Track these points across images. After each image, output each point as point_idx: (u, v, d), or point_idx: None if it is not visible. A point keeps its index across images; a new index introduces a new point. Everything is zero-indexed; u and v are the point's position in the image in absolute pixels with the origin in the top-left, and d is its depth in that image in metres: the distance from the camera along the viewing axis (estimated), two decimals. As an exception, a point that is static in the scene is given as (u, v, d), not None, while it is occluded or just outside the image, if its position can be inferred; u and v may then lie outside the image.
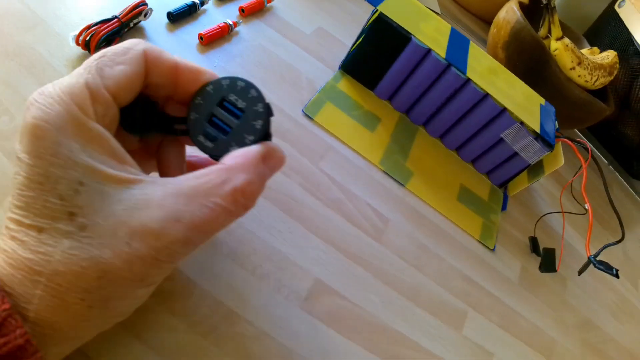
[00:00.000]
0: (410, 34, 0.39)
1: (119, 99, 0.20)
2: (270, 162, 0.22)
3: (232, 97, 0.22)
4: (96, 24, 0.34)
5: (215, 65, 0.39)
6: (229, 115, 0.22)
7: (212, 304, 0.28)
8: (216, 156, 0.21)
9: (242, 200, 0.19)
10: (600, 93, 0.55)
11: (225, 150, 0.21)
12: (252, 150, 0.21)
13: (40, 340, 0.17)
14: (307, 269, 0.32)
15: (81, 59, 0.34)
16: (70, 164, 0.17)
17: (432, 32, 0.41)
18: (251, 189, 0.19)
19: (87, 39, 0.33)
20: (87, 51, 0.34)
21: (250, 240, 0.31)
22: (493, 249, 0.42)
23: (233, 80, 0.22)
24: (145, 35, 0.38)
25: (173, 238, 0.18)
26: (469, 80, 0.40)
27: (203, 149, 0.22)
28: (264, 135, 0.22)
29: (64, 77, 0.19)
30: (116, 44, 0.34)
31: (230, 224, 0.20)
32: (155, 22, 0.39)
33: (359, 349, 0.31)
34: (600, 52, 0.57)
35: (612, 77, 0.53)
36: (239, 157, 0.20)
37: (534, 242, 0.45)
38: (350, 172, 0.39)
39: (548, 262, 0.42)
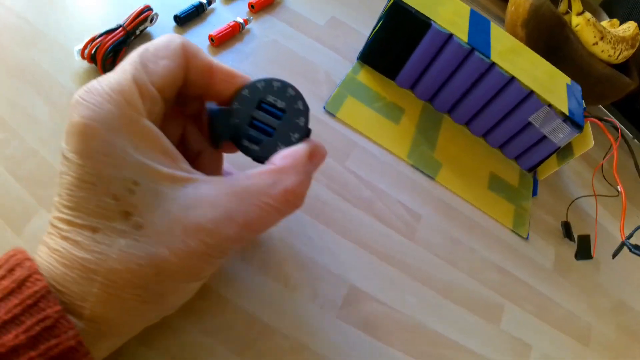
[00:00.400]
0: (430, 19, 0.38)
1: (163, 94, 0.20)
2: (315, 159, 0.22)
3: (271, 98, 0.22)
4: (101, 35, 0.32)
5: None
6: (270, 116, 0.22)
7: (246, 319, 0.27)
8: (262, 158, 0.22)
9: (292, 199, 0.20)
10: (622, 66, 0.53)
11: (272, 151, 0.21)
12: (300, 150, 0.21)
13: (95, 335, 0.17)
14: (341, 275, 0.31)
15: (88, 73, 0.33)
16: (124, 164, 0.17)
17: (451, 16, 0.39)
18: (301, 189, 0.20)
19: (93, 51, 0.31)
20: (93, 64, 0.32)
21: (281, 250, 0.30)
22: (526, 237, 0.41)
23: (268, 81, 0.22)
24: (153, 40, 0.36)
25: (226, 236, 0.18)
26: (493, 64, 0.38)
27: (248, 152, 0.22)
28: (307, 132, 0.22)
29: (108, 74, 0.19)
30: (123, 54, 0.34)
31: (279, 222, 0.20)
32: (163, 27, 0.37)
33: (399, 354, 0.30)
34: (620, 23, 0.55)
35: (634, 50, 0.51)
36: (288, 157, 0.20)
37: (566, 227, 0.43)
38: (377, 168, 0.37)
39: (583, 249, 0.41)
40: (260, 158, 0.22)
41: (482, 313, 0.34)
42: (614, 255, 0.40)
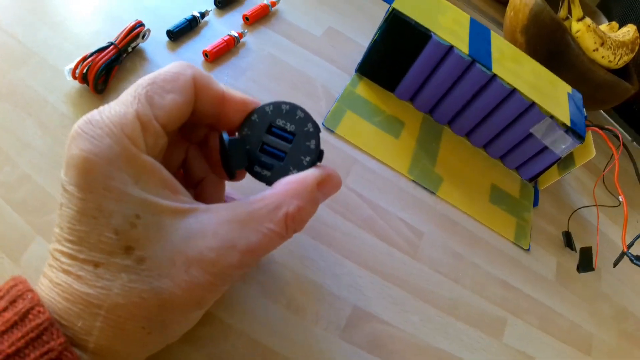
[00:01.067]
0: (430, 30, 0.37)
1: (167, 129, 0.19)
2: (326, 188, 0.22)
3: (280, 122, 0.22)
4: (92, 54, 0.31)
5: (225, 82, 0.36)
6: (280, 140, 0.22)
7: (249, 344, 0.26)
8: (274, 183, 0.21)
9: (292, 225, 0.20)
10: (621, 71, 0.53)
11: (284, 175, 0.21)
12: (309, 177, 0.21)
13: None
14: (344, 297, 0.30)
15: (80, 94, 0.32)
16: (125, 198, 0.17)
17: (451, 25, 0.39)
18: (302, 215, 0.20)
19: (85, 71, 0.30)
20: (85, 84, 0.31)
21: (282, 273, 0.29)
22: (528, 249, 0.40)
23: (276, 105, 0.22)
24: (146, 57, 0.35)
25: (228, 264, 0.18)
26: (495, 76, 0.38)
27: (261, 178, 0.22)
28: (318, 154, 0.22)
29: (111, 104, 0.18)
30: (115, 72, 0.32)
31: (278, 246, 0.20)
32: (155, 43, 0.37)
33: (404, 374, 0.29)
34: (619, 25, 0.54)
35: (634, 54, 0.51)
36: (294, 182, 0.20)
37: (567, 237, 0.43)
38: (378, 185, 0.37)
39: (585, 262, 0.40)
40: (273, 184, 0.22)
41: (485, 328, 0.34)
42: (615, 264, 0.40)
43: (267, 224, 0.19)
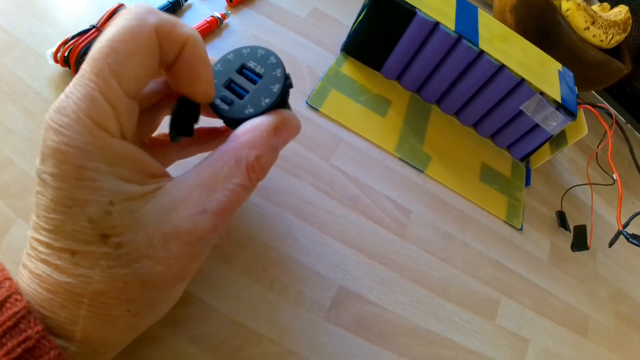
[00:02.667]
0: (415, 7, 0.36)
1: (139, 95, 0.18)
2: (284, 133, 0.21)
3: (252, 64, 0.22)
4: (73, 37, 0.31)
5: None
6: (247, 81, 0.22)
7: (231, 326, 0.26)
8: (232, 119, 0.21)
9: (254, 175, 0.20)
10: (614, 51, 0.52)
11: (240, 113, 0.21)
12: (263, 124, 0.20)
13: (89, 356, 0.17)
14: (329, 277, 0.30)
15: (63, 77, 0.31)
16: (98, 186, 0.16)
17: (437, 4, 0.38)
18: (262, 163, 0.20)
19: (66, 54, 0.30)
20: (67, 68, 0.31)
21: (265, 252, 0.29)
22: (520, 229, 0.39)
23: (254, 48, 0.23)
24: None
25: (204, 228, 0.18)
26: (482, 52, 0.37)
27: (219, 112, 0.22)
28: (281, 102, 0.22)
29: (76, 84, 0.17)
30: None
31: (246, 198, 0.20)
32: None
33: (392, 355, 0.29)
34: (611, 7, 0.53)
35: (626, 34, 0.50)
36: (248, 132, 0.20)
37: (561, 217, 0.42)
38: (364, 164, 0.36)
39: (580, 240, 0.40)
40: (228, 119, 0.22)
41: (477, 309, 0.33)
42: (611, 244, 0.39)
43: (232, 180, 0.19)
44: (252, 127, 0.20)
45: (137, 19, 0.17)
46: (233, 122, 0.21)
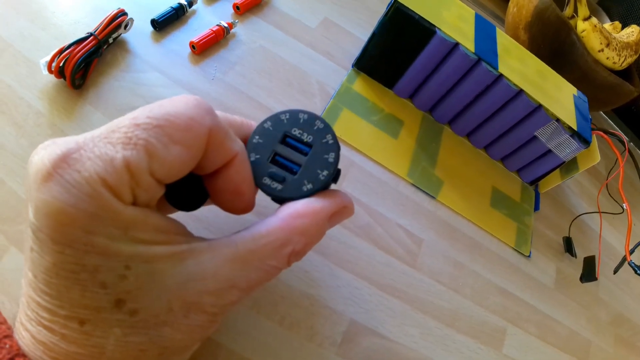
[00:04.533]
0: (434, 26, 0.35)
1: (164, 182, 0.16)
2: (337, 219, 0.20)
3: (296, 132, 0.20)
4: (69, 45, 0.28)
5: (213, 77, 0.34)
6: (295, 152, 0.20)
7: (240, 364, 0.24)
8: (285, 199, 0.19)
9: (294, 259, 0.18)
10: (624, 72, 0.51)
11: (297, 190, 0.19)
12: (323, 211, 0.18)
13: None
14: (340, 310, 0.28)
15: (57, 89, 0.29)
16: (111, 252, 0.14)
17: (456, 21, 0.36)
18: (306, 250, 0.19)
19: (61, 64, 0.28)
20: (62, 79, 0.28)
21: (275, 286, 0.27)
22: (529, 256, 0.39)
23: (293, 113, 0.20)
24: (128, 49, 0.33)
25: (227, 302, 0.17)
26: (501, 75, 0.36)
27: (270, 192, 0.19)
28: (336, 172, 0.20)
29: (95, 138, 0.15)
30: (94, 66, 0.29)
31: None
32: (139, 33, 0.34)
33: (402, 391, 0.28)
34: (622, 26, 0.53)
35: (637, 55, 0.49)
36: (304, 217, 0.18)
37: (568, 242, 0.42)
38: (376, 190, 0.35)
39: (588, 271, 0.39)
40: (283, 199, 0.19)
41: (484, 339, 0.33)
42: (615, 271, 0.39)
43: (270, 262, 0.17)
44: (310, 213, 0.18)
45: (196, 112, 0.16)
46: (284, 199, 0.19)
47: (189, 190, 0.19)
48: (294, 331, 0.26)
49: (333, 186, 0.22)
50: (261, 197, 0.21)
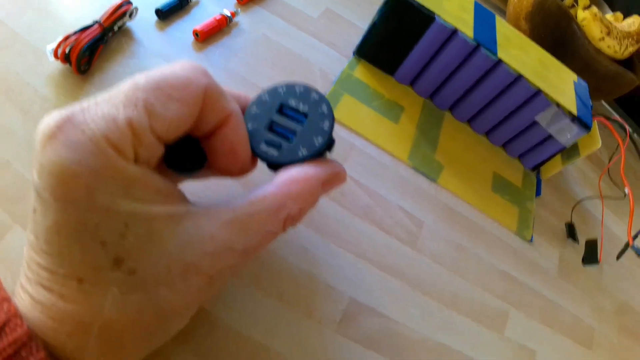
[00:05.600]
0: (433, 13, 0.35)
1: (164, 140, 0.17)
2: (330, 186, 0.20)
3: (292, 102, 0.21)
4: (75, 32, 0.29)
5: (215, 64, 0.35)
6: (290, 120, 0.21)
7: (237, 339, 0.25)
8: (281, 164, 0.20)
9: (290, 224, 0.19)
10: (626, 62, 0.51)
11: (293, 155, 0.20)
12: (315, 177, 0.19)
13: None
14: (340, 289, 0.29)
15: (63, 75, 0.30)
16: (112, 210, 0.15)
17: (456, 10, 0.37)
18: (302, 215, 0.19)
19: (67, 51, 0.28)
20: (68, 65, 0.29)
21: (274, 263, 0.28)
22: (530, 240, 0.39)
23: (290, 85, 0.21)
24: (133, 37, 0.33)
25: (226, 265, 0.17)
26: (500, 61, 0.36)
27: (266, 157, 0.20)
28: (331, 139, 0.21)
29: (99, 101, 0.16)
30: (100, 52, 0.30)
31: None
32: (143, 22, 0.34)
33: (403, 370, 0.28)
34: (624, 16, 0.53)
35: (639, 45, 0.50)
36: (298, 182, 0.19)
37: (570, 228, 0.42)
38: (376, 172, 0.35)
39: (590, 254, 0.39)
40: (279, 164, 0.20)
41: (486, 322, 0.33)
42: (618, 257, 0.39)
43: (266, 227, 0.18)
44: (303, 178, 0.19)
45: (193, 72, 0.17)
46: (280, 165, 0.20)
47: (188, 152, 0.20)
48: (293, 307, 0.27)
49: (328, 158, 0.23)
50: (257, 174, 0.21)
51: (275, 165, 0.20)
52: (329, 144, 0.21)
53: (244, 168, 0.20)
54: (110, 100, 0.15)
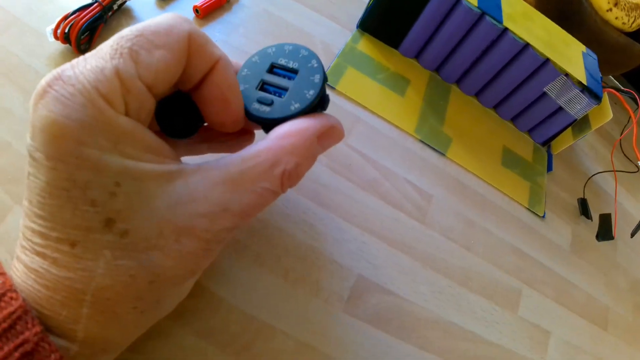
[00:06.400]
0: (436, -19, 0.34)
1: (154, 90, 0.16)
2: (327, 141, 0.20)
3: (282, 61, 0.21)
4: (74, 12, 0.29)
5: (216, 40, 0.34)
6: (281, 78, 0.20)
7: (241, 319, 0.24)
8: (275, 120, 0.19)
9: (288, 182, 0.18)
10: (635, 34, 0.50)
11: (285, 110, 0.19)
12: (309, 129, 0.18)
13: (91, 356, 0.16)
14: (347, 265, 0.28)
15: (64, 55, 0.29)
16: (101, 166, 0.15)
17: (458, -23, 0.36)
18: (299, 172, 0.18)
19: (67, 30, 0.28)
20: (68, 44, 0.29)
21: (279, 239, 0.27)
22: (543, 216, 0.38)
23: (279, 46, 0.21)
24: (133, 16, 0.33)
25: (221, 227, 0.17)
26: (506, 29, 0.35)
27: (259, 115, 0.20)
28: (323, 94, 0.20)
29: (87, 56, 0.15)
30: (100, 31, 0.30)
31: (272, 203, 0.19)
32: (143, 1, 0.34)
33: (412, 349, 0.27)
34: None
35: (648, 16, 0.48)
36: (292, 135, 0.18)
37: (583, 204, 0.41)
38: (383, 145, 0.34)
39: (605, 229, 0.38)
40: (272, 121, 0.19)
41: (499, 300, 0.32)
42: (633, 234, 0.38)
43: (261, 183, 0.17)
44: (297, 131, 0.18)
45: (174, 20, 0.17)
46: (273, 124, 0.19)
47: (182, 114, 0.20)
48: (298, 286, 0.26)
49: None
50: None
51: (269, 125, 0.20)
52: (323, 100, 0.20)
53: (237, 120, 0.20)
54: (97, 53, 0.15)
